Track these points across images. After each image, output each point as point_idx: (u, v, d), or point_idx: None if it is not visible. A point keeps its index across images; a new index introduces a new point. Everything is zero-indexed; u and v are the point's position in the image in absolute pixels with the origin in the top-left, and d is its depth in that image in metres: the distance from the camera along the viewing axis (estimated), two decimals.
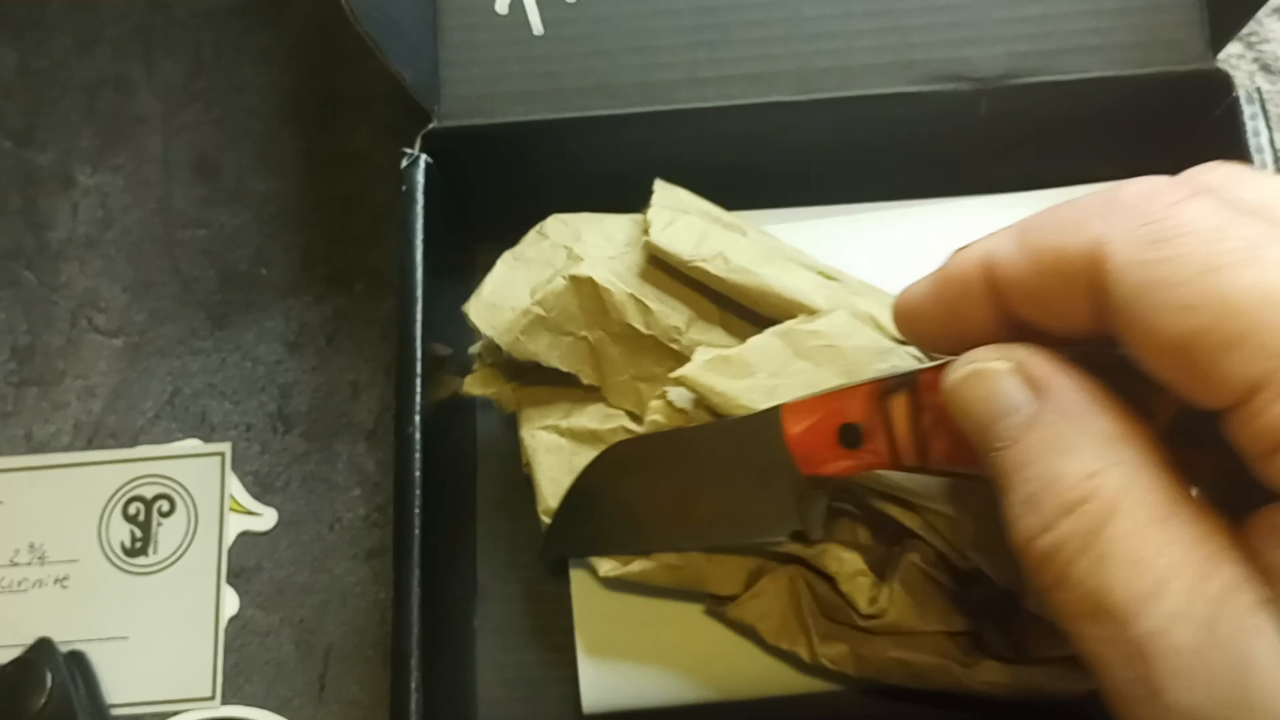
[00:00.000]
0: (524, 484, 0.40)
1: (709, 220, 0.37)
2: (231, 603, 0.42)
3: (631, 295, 0.35)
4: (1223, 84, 0.38)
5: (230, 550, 0.42)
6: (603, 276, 0.35)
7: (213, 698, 0.41)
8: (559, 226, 0.38)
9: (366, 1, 0.36)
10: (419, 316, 0.36)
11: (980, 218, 0.42)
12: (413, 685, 0.34)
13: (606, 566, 0.36)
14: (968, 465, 0.29)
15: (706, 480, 0.34)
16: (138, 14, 0.49)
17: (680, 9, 0.39)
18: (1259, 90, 0.38)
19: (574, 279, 0.35)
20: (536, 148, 0.40)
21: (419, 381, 0.36)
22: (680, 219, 0.36)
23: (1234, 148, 0.37)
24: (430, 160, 0.38)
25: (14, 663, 0.40)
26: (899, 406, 0.29)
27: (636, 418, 0.36)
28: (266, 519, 0.43)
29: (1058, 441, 0.23)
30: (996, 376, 0.24)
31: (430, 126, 0.38)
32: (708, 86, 0.38)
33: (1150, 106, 0.39)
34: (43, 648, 0.40)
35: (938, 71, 0.38)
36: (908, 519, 0.33)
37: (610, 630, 0.38)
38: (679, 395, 0.34)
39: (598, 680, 0.37)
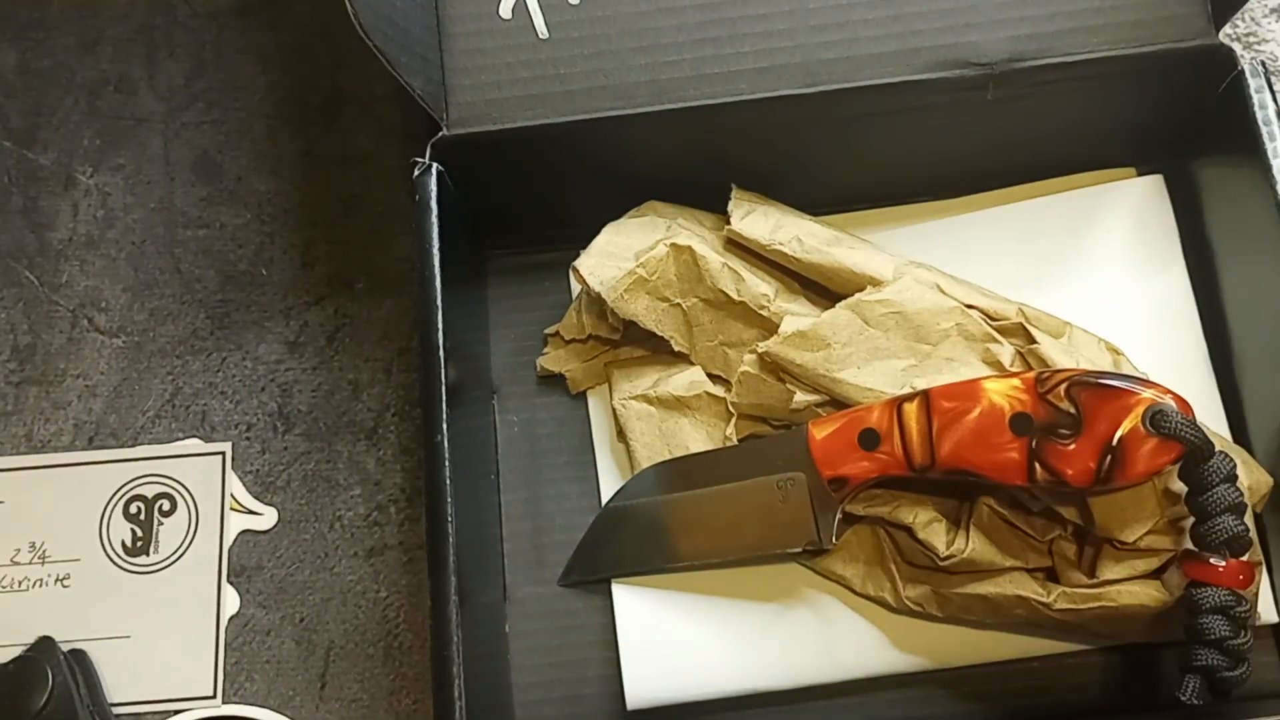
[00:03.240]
0: (545, 485, 0.42)
1: (782, 211, 0.41)
2: (232, 601, 0.42)
3: (725, 264, 0.39)
4: (1226, 59, 0.38)
5: (231, 549, 0.42)
6: (700, 246, 0.39)
7: (214, 696, 0.41)
8: (658, 206, 0.42)
9: (375, 14, 0.36)
10: (440, 325, 0.37)
11: (979, 226, 0.43)
12: (455, 694, 0.34)
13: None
14: (970, 466, 0.34)
15: (730, 497, 0.37)
16: (139, 14, 0.49)
17: (684, 6, 0.39)
18: (1263, 64, 0.38)
19: (674, 246, 0.39)
20: (546, 151, 0.40)
21: (444, 390, 0.36)
22: (757, 208, 0.41)
23: (1240, 122, 0.37)
24: (441, 168, 0.38)
25: (16, 661, 0.40)
26: (912, 413, 0.34)
27: (723, 382, 0.40)
28: (267, 518, 0.43)
29: None
30: None
31: (440, 135, 0.38)
32: (715, 83, 0.39)
33: (1155, 83, 0.39)
34: (44, 646, 0.40)
35: (943, 58, 0.38)
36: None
37: (651, 626, 0.39)
38: (752, 362, 0.39)
39: (641, 676, 0.38)
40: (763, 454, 0.37)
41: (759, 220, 0.40)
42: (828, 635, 0.38)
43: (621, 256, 0.40)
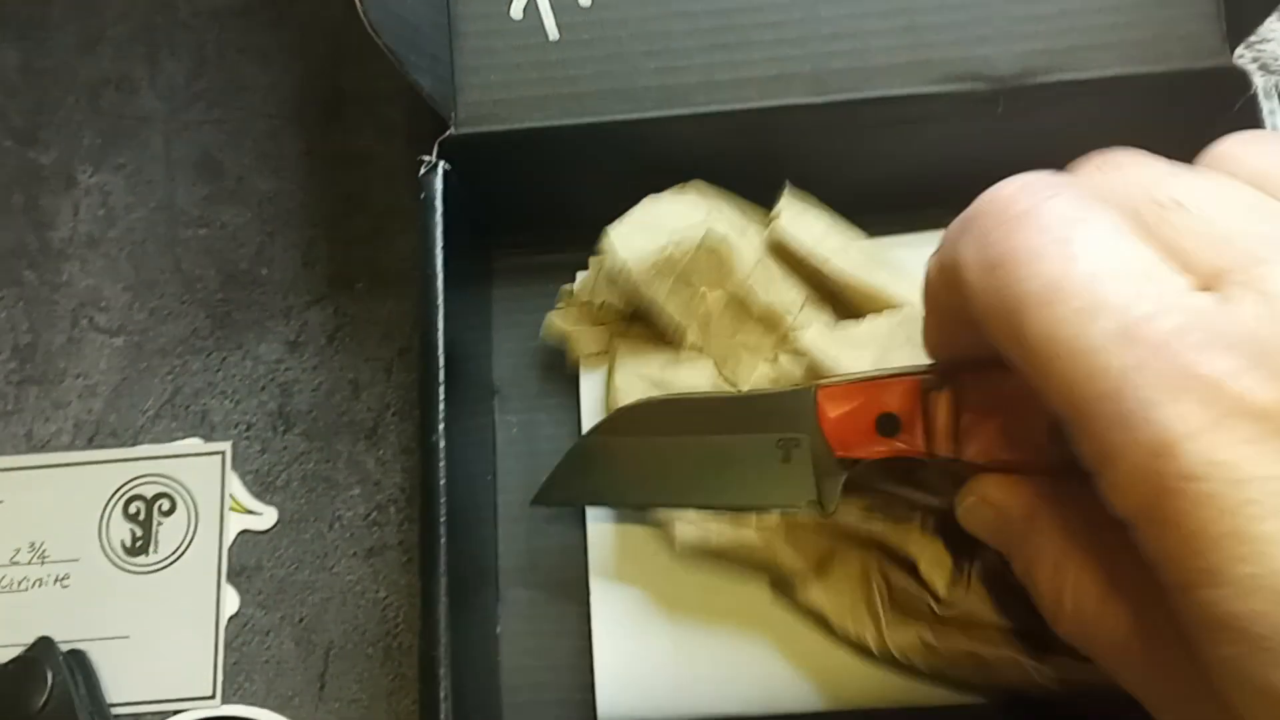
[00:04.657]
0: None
1: (833, 216, 0.40)
2: (232, 601, 0.42)
3: (760, 262, 0.38)
4: (1240, 80, 0.38)
5: (230, 549, 0.42)
6: (736, 239, 0.38)
7: (213, 696, 0.41)
8: (702, 187, 0.40)
9: (385, 12, 0.36)
10: (440, 325, 0.36)
11: None
12: (441, 694, 0.34)
13: (685, 537, 0.37)
14: (1002, 461, 0.31)
15: (727, 446, 0.35)
16: (141, 13, 0.49)
17: (696, 11, 0.39)
18: (1276, 86, 0.38)
19: (710, 233, 0.38)
20: (553, 153, 0.40)
21: (442, 390, 0.36)
22: (809, 211, 0.39)
23: None
24: (448, 167, 0.38)
25: (15, 661, 0.40)
26: (941, 403, 0.31)
27: (730, 384, 0.38)
28: (267, 518, 0.43)
29: (1036, 550, 0.29)
30: (979, 508, 0.31)
31: (447, 133, 0.38)
32: (724, 89, 0.38)
33: (1167, 103, 0.39)
34: (43, 647, 0.40)
35: (954, 71, 0.38)
36: None
37: (628, 641, 0.38)
38: (788, 360, 0.37)
39: (614, 691, 0.38)
40: (764, 410, 0.35)
41: (811, 222, 0.39)
42: (808, 663, 0.37)
43: (656, 229, 0.38)
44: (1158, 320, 0.22)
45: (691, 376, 0.39)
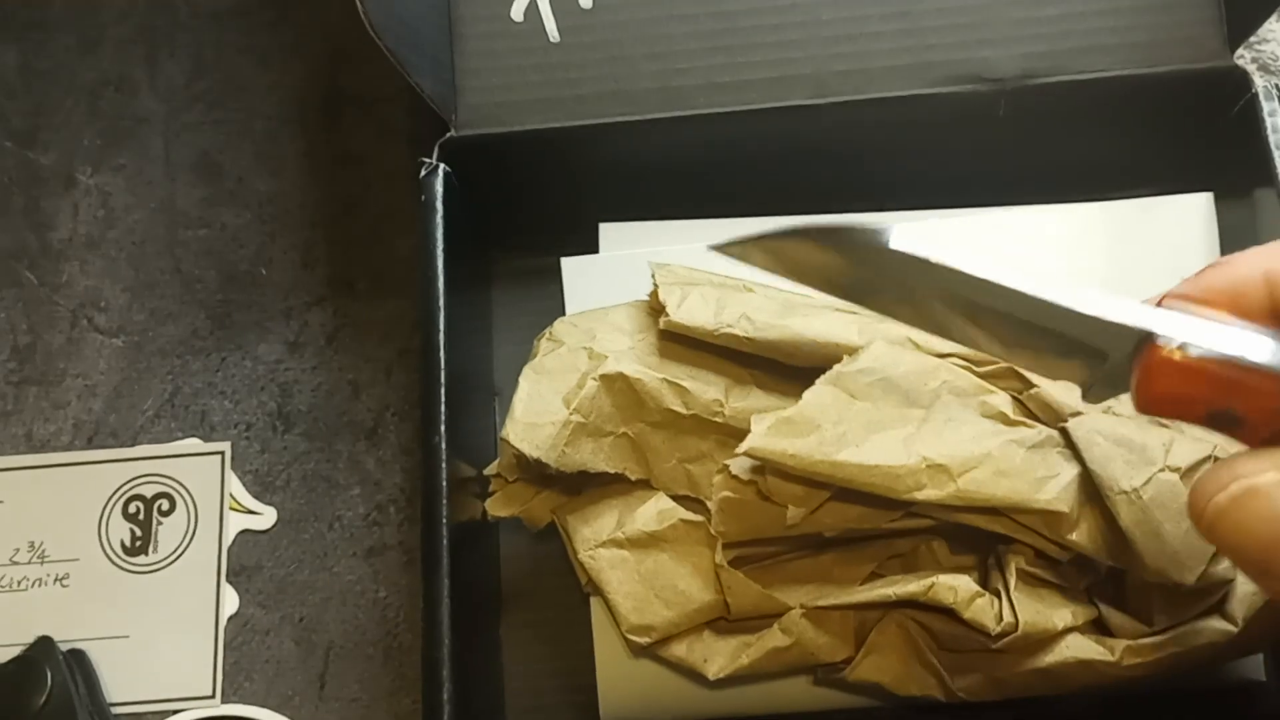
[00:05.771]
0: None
1: (717, 287, 0.37)
2: (232, 601, 0.42)
3: (665, 380, 0.36)
4: (1241, 81, 0.38)
5: (230, 549, 0.42)
6: (632, 369, 0.36)
7: (213, 696, 0.41)
8: (569, 329, 0.38)
9: (386, 14, 0.36)
10: (441, 326, 0.37)
11: (1013, 229, 0.42)
12: (444, 696, 0.34)
13: (716, 668, 0.35)
14: None
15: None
16: (140, 14, 0.49)
17: (697, 14, 0.39)
18: (1277, 87, 0.38)
19: (604, 378, 0.35)
20: (554, 155, 0.40)
21: (442, 391, 0.36)
22: (691, 292, 0.36)
23: (1253, 145, 0.37)
24: (449, 169, 0.38)
25: (15, 661, 0.40)
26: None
27: (691, 501, 0.36)
28: (266, 518, 0.43)
29: None
30: (1274, 492, 0.21)
31: (448, 135, 0.39)
32: (726, 91, 0.39)
33: (1168, 104, 0.39)
34: (43, 646, 0.40)
35: (955, 73, 0.38)
36: (995, 525, 0.33)
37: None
38: (740, 466, 0.34)
39: (616, 691, 0.37)
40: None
41: (698, 304, 0.36)
42: None
43: (549, 410, 0.36)
44: None
45: (651, 515, 0.36)
